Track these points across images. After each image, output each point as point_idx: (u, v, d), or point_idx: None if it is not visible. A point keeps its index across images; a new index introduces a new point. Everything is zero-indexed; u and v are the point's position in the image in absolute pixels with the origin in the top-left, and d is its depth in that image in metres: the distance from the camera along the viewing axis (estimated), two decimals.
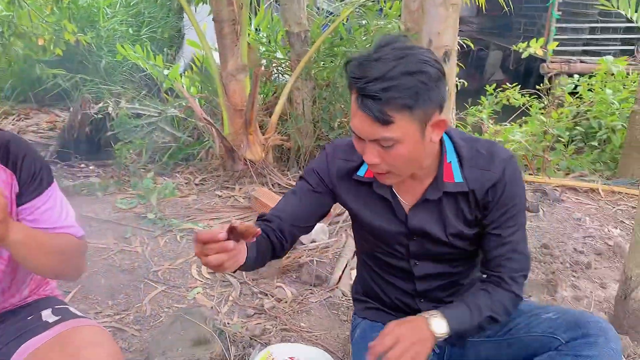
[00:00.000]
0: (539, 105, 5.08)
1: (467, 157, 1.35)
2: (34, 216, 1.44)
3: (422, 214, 1.40)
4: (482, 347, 1.53)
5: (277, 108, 3.83)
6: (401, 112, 1.14)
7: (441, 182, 1.35)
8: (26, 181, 1.42)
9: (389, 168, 1.24)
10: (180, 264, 2.67)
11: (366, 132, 1.18)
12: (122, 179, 3.86)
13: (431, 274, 1.51)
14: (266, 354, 1.78)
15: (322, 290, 2.49)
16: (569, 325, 1.36)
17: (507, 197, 1.34)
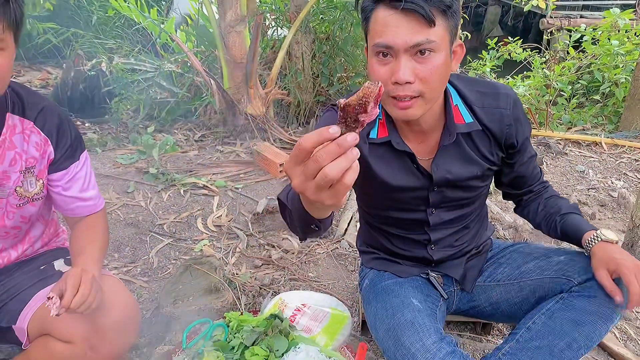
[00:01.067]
0: (541, 59, 5.00)
1: (472, 99, 1.34)
2: (64, 183, 1.48)
3: (445, 164, 1.38)
4: (493, 292, 1.55)
5: (277, 62, 3.75)
6: (441, 15, 1.13)
7: (452, 125, 1.32)
8: (62, 149, 1.44)
9: (422, 88, 1.16)
10: (186, 217, 2.65)
11: (407, 36, 1.11)
12: (119, 135, 3.80)
13: (445, 220, 1.50)
14: (279, 301, 1.78)
15: (328, 242, 2.49)
16: (581, 266, 1.37)
17: (526, 128, 1.40)
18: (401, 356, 1.25)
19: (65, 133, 1.45)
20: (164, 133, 3.84)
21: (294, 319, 1.71)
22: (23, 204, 1.44)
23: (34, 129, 1.39)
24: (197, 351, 1.59)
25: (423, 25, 1.11)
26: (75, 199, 1.50)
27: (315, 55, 4.18)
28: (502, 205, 2.82)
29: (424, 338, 1.26)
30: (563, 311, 1.32)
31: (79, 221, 1.55)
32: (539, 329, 1.33)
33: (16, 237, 1.52)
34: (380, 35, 1.14)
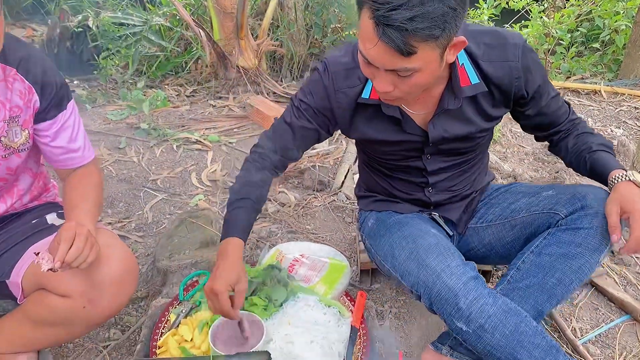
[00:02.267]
0: (539, 8, 4.88)
1: (479, 53, 1.26)
2: (52, 132, 1.43)
3: (442, 123, 1.33)
4: (485, 233, 1.54)
5: (268, 12, 3.63)
6: (425, 42, 1.01)
7: (458, 88, 1.26)
8: (47, 98, 1.38)
9: (401, 95, 1.14)
10: (180, 172, 2.61)
11: (383, 62, 1.06)
12: (109, 91, 3.72)
13: (444, 167, 1.47)
14: (276, 252, 1.76)
15: (325, 194, 2.46)
16: (567, 199, 1.35)
17: (538, 76, 1.32)
18: (425, 276, 1.25)
19: (51, 81, 1.38)
20: (154, 89, 3.75)
21: (292, 269, 1.69)
22: (8, 154, 1.39)
23: (17, 77, 1.33)
24: (195, 303, 1.58)
25: (398, 57, 1.03)
26: (64, 149, 1.45)
27: (309, 6, 4.05)
28: (501, 155, 2.79)
29: (448, 259, 1.26)
30: (550, 246, 1.31)
31: (70, 174, 1.50)
32: (528, 267, 1.33)
33: (1, 189, 1.47)
34: (362, 46, 1.08)
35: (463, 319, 1.19)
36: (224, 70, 3.48)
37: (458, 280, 1.21)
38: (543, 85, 1.34)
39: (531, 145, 2.89)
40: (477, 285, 1.22)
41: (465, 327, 1.20)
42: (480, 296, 1.20)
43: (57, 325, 1.42)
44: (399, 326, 1.74)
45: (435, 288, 1.22)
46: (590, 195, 1.31)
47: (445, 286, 1.21)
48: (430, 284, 1.23)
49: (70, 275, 1.35)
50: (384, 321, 1.74)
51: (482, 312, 1.19)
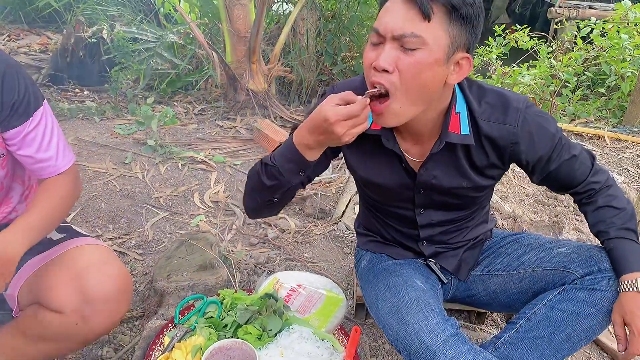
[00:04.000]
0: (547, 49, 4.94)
1: (479, 110, 1.27)
2: (17, 141, 1.36)
3: (432, 168, 1.33)
4: (491, 282, 1.53)
5: (281, 38, 3.68)
6: (442, 13, 1.07)
7: (445, 133, 1.26)
8: (8, 105, 1.31)
9: (397, 84, 1.11)
10: (183, 191, 2.63)
11: (397, 23, 1.08)
12: (118, 105, 3.75)
13: (435, 221, 1.47)
14: (274, 280, 1.77)
15: (325, 223, 2.47)
16: (584, 259, 1.35)
17: (542, 146, 1.29)
18: (404, 334, 1.24)
19: (13, 87, 1.31)
20: (164, 105, 3.79)
21: (288, 299, 1.70)
22: None
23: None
24: (190, 327, 1.58)
25: (418, 18, 1.07)
26: (32, 159, 1.39)
27: (320, 33, 4.12)
28: (502, 195, 2.81)
29: (428, 317, 1.25)
30: (564, 302, 1.31)
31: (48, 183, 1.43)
32: (539, 319, 1.32)
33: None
34: (378, 21, 1.12)
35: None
36: (233, 92, 3.53)
37: (437, 338, 1.21)
38: (551, 153, 1.30)
39: (532, 187, 2.90)
40: (456, 343, 1.21)
41: None
42: (459, 354, 1.19)
43: (49, 340, 1.41)
44: None
45: (413, 346, 1.22)
46: (607, 260, 1.32)
47: (423, 344, 1.20)
48: (409, 342, 1.22)
49: (64, 291, 1.35)
50: (377, 357, 1.74)
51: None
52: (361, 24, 4.28)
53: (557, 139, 1.30)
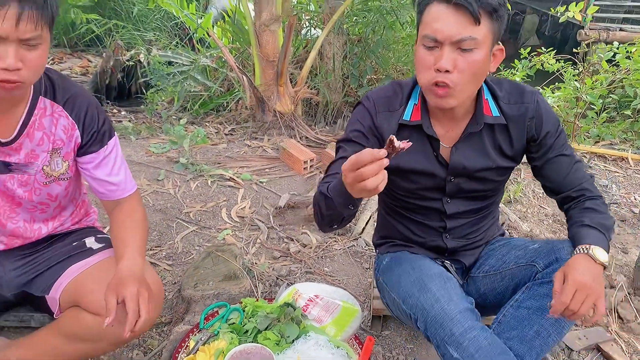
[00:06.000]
0: (574, 72, 4.96)
1: (500, 95, 1.46)
2: (92, 166, 1.57)
3: (463, 151, 1.48)
4: (480, 283, 1.64)
5: (308, 61, 3.84)
6: (487, 16, 1.25)
7: (481, 115, 1.44)
8: (88, 134, 1.52)
9: (457, 80, 1.29)
10: (211, 207, 2.77)
11: (453, 30, 1.25)
12: (153, 125, 3.95)
13: (462, 211, 1.59)
14: (293, 291, 1.87)
15: (345, 239, 2.56)
16: (546, 252, 1.45)
17: (550, 123, 1.47)
18: (424, 299, 1.35)
19: (94, 119, 1.53)
20: (196, 125, 3.97)
21: (306, 309, 1.79)
22: (49, 182, 1.54)
23: (63, 113, 1.48)
24: (214, 332, 1.69)
25: (469, 22, 1.24)
26: (104, 182, 1.59)
27: (347, 57, 4.26)
28: (521, 214, 2.85)
29: (449, 288, 1.36)
30: (528, 300, 1.40)
31: (115, 207, 1.65)
32: (508, 320, 1.41)
33: (44, 212, 1.62)
34: (430, 28, 1.28)
35: (455, 345, 1.27)
36: (261, 113, 3.68)
37: (455, 307, 1.30)
38: (555, 138, 1.47)
39: (552, 207, 2.94)
40: (472, 317, 1.30)
41: (456, 354, 1.27)
42: (474, 327, 1.28)
43: (86, 340, 1.53)
44: None
45: (432, 311, 1.31)
46: (565, 249, 1.40)
47: (442, 310, 1.30)
48: (428, 307, 1.32)
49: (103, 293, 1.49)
50: None
51: (474, 342, 1.26)
52: (386, 47, 4.41)
53: (561, 127, 1.50)
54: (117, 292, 1.38)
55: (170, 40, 5.22)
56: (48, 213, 1.65)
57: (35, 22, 1.22)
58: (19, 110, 1.43)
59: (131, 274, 1.46)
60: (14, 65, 1.23)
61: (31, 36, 1.23)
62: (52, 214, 1.67)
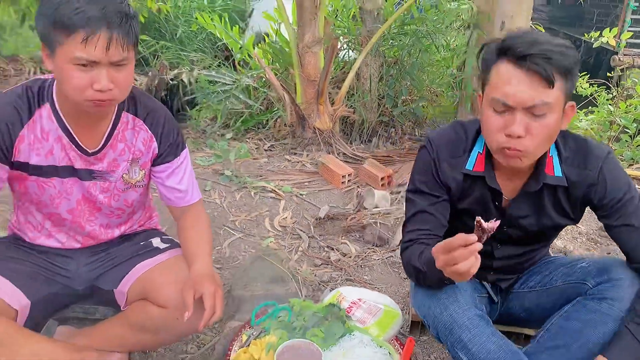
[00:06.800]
0: (607, 96, 5.01)
1: (565, 155, 1.41)
2: (165, 175, 1.72)
3: (521, 206, 1.49)
4: (525, 298, 1.69)
5: (346, 82, 4.00)
6: (561, 76, 1.22)
7: (542, 174, 1.40)
8: (164, 146, 1.68)
9: (530, 144, 1.26)
10: (255, 216, 2.92)
11: (526, 95, 1.22)
12: (198, 139, 4.15)
13: (511, 254, 1.65)
14: (337, 294, 1.99)
15: (383, 250, 2.67)
16: (597, 271, 1.48)
17: (614, 191, 1.40)
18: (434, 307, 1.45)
19: (170, 133, 1.68)
20: (237, 141, 4.16)
21: (349, 311, 1.90)
22: (127, 188, 1.70)
23: (143, 127, 1.64)
24: (264, 328, 1.81)
25: (542, 86, 1.21)
26: (173, 189, 1.74)
27: (383, 78, 4.41)
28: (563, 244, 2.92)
29: (458, 296, 1.44)
30: (578, 312, 1.44)
31: (182, 213, 1.79)
32: (556, 330, 1.46)
33: (119, 217, 1.79)
34: (501, 92, 1.25)
35: (464, 350, 1.36)
36: (301, 129, 3.85)
37: (464, 314, 1.38)
38: (620, 202, 1.40)
39: (585, 226, 3.00)
40: (481, 322, 1.38)
41: (466, 358, 1.36)
42: (483, 332, 1.36)
43: (150, 331, 1.67)
44: None
45: (442, 318, 1.40)
46: (616, 268, 1.45)
47: (450, 317, 1.38)
48: (438, 315, 1.41)
49: (170, 290, 1.63)
50: None
51: (483, 347, 1.34)
52: (421, 70, 4.55)
53: (631, 195, 1.40)
54: (196, 289, 1.52)
55: (213, 61, 5.46)
56: (122, 218, 1.81)
57: (123, 45, 1.37)
58: (105, 123, 1.59)
59: (207, 273, 1.60)
60: (107, 86, 1.39)
61: (120, 58, 1.38)
62: (125, 219, 1.83)
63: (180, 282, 1.59)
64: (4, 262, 1.68)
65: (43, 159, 1.56)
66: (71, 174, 1.61)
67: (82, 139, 1.57)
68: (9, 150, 1.52)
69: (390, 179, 3.30)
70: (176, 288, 1.59)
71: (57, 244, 1.76)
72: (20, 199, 1.72)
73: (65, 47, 1.35)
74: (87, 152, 1.59)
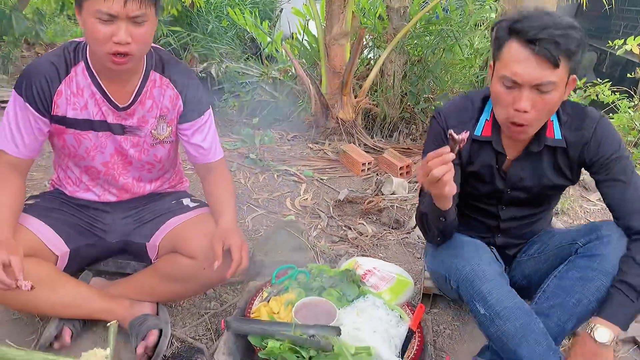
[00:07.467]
0: (629, 104, 5.04)
1: (564, 119, 1.55)
2: (191, 132, 1.84)
3: (522, 167, 1.62)
4: (525, 266, 1.80)
5: (370, 76, 4.12)
6: (565, 58, 1.34)
7: (543, 136, 1.54)
8: (189, 105, 1.80)
9: (534, 118, 1.40)
10: (277, 196, 3.06)
11: (533, 75, 1.34)
12: (224, 127, 4.31)
13: (516, 216, 1.76)
14: (353, 261, 2.10)
15: (399, 232, 2.77)
16: (586, 231, 1.59)
17: (606, 147, 1.51)
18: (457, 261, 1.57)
19: (194, 92, 1.79)
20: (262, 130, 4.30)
21: (364, 278, 2.01)
22: (155, 144, 1.83)
23: (170, 85, 1.76)
24: (284, 287, 1.94)
25: (549, 67, 1.33)
26: (198, 146, 1.85)
27: (406, 75, 4.51)
28: (567, 225, 2.99)
29: (481, 252, 1.57)
30: (569, 271, 1.53)
31: (207, 172, 1.91)
32: (551, 290, 1.55)
33: (150, 172, 1.91)
34: (510, 70, 1.37)
35: (482, 302, 1.46)
36: (324, 119, 3.98)
37: (484, 270, 1.49)
38: (611, 158, 1.51)
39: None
40: (500, 279, 1.49)
41: (483, 310, 1.46)
42: (501, 287, 1.46)
43: (179, 281, 1.80)
44: (450, 345, 1.99)
45: (464, 271, 1.51)
46: (604, 227, 1.55)
47: (472, 270, 1.49)
48: (461, 268, 1.52)
49: (199, 242, 1.76)
50: (437, 338, 2.00)
51: (500, 301, 1.44)
52: (445, 69, 4.64)
53: (622, 154, 1.52)
54: (224, 241, 1.64)
55: (242, 54, 5.63)
56: (153, 174, 1.95)
57: (141, 2, 1.48)
58: (134, 81, 1.72)
59: (233, 227, 1.73)
60: (124, 39, 1.51)
61: (138, 14, 1.49)
62: (156, 175, 1.97)
63: (208, 235, 1.72)
64: (47, 212, 1.83)
65: (79, 113, 1.70)
66: (105, 128, 1.75)
67: (113, 94, 1.71)
68: (49, 104, 1.67)
69: (409, 169, 3.41)
70: (204, 240, 1.72)
71: (94, 197, 1.90)
72: (60, 155, 1.87)
73: (89, 1, 1.48)
74: (118, 107, 1.73)
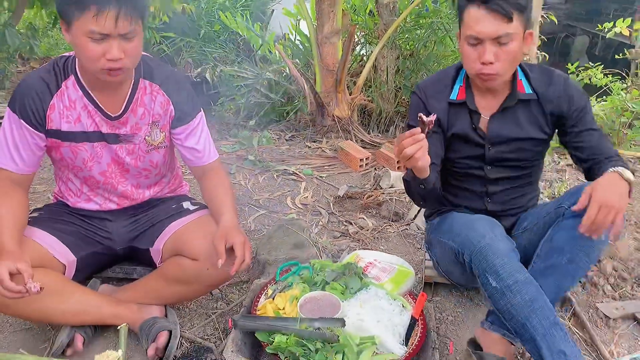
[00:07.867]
0: (622, 85, 5.08)
1: (532, 75, 1.75)
2: (184, 136, 1.88)
3: (500, 122, 1.76)
4: (521, 239, 1.87)
5: (364, 73, 4.16)
6: (518, 12, 1.55)
7: (515, 91, 1.73)
8: (180, 109, 1.84)
9: (500, 67, 1.59)
10: (277, 196, 3.10)
11: (491, 30, 1.54)
12: (221, 130, 4.35)
13: (501, 177, 1.85)
14: (354, 255, 2.15)
15: (399, 224, 2.82)
16: (570, 194, 1.68)
17: (577, 102, 1.71)
18: (472, 236, 1.63)
19: (185, 97, 1.83)
20: (259, 131, 4.34)
21: (366, 270, 2.05)
22: (150, 150, 1.87)
23: (160, 92, 1.80)
24: (288, 283, 1.98)
25: (503, 21, 1.54)
26: (192, 149, 1.90)
27: (399, 70, 4.55)
28: None
29: (495, 229, 1.64)
30: (558, 232, 1.62)
31: (203, 173, 1.95)
32: (545, 252, 1.63)
33: (147, 178, 1.96)
34: (472, 29, 1.58)
35: (494, 275, 1.52)
36: (320, 117, 4.02)
37: (498, 244, 1.56)
38: (583, 114, 1.71)
39: None
40: (512, 254, 1.56)
41: (494, 283, 1.52)
42: (513, 262, 1.53)
43: (184, 283, 1.84)
44: (453, 331, 2.04)
45: (478, 245, 1.57)
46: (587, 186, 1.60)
47: (486, 244, 1.56)
48: (475, 242, 1.59)
49: (201, 243, 1.80)
50: (440, 325, 2.05)
51: (511, 274, 1.51)
52: (437, 62, 4.68)
53: (589, 105, 1.73)
54: (227, 239, 1.68)
55: (236, 57, 5.67)
56: (150, 179, 1.99)
57: (130, 19, 1.54)
58: (124, 90, 1.77)
59: (234, 225, 1.77)
60: (117, 56, 1.56)
61: (128, 30, 1.55)
62: (153, 181, 2.01)
63: (209, 237, 1.76)
64: (52, 223, 1.88)
65: (73, 125, 1.75)
66: (100, 138, 1.79)
67: (105, 105, 1.75)
68: (43, 119, 1.72)
69: None
70: (206, 241, 1.77)
71: (96, 207, 1.95)
72: (60, 168, 1.91)
73: (79, 21, 1.52)
74: (110, 117, 1.77)
